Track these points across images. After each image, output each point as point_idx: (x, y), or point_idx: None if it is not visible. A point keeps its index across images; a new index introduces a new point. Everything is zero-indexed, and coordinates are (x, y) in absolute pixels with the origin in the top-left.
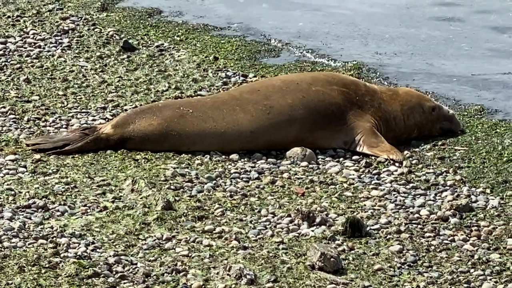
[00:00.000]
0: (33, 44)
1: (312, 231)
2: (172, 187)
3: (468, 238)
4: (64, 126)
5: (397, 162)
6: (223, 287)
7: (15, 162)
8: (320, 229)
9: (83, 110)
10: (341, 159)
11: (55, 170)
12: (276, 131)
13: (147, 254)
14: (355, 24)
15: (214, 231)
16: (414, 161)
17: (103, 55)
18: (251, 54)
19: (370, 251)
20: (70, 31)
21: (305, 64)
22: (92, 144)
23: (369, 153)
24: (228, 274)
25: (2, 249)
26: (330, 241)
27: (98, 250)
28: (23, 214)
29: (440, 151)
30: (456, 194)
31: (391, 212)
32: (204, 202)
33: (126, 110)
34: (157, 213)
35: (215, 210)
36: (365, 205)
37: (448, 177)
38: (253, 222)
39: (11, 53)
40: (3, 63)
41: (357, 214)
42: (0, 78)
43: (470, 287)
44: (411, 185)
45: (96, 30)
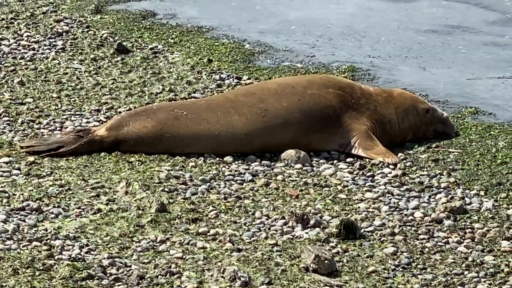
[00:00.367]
0: (27, 46)
1: (306, 233)
2: (166, 189)
3: (462, 240)
4: (58, 128)
5: (392, 165)
6: None
7: (9, 164)
8: (314, 231)
9: (77, 113)
10: (335, 161)
11: (49, 172)
12: (271, 134)
13: (141, 257)
14: (351, 27)
15: (208, 233)
16: (408, 163)
17: (97, 58)
18: (245, 57)
19: (364, 253)
20: (64, 34)
21: (298, 66)
22: (86, 146)
23: (364, 155)
24: (222, 276)
25: None
26: (324, 243)
27: (92, 252)
28: (17, 217)
29: (434, 153)
30: (450, 196)
31: (385, 214)
32: (198, 204)
33: (120, 112)
34: (151, 215)
35: (209, 212)
36: (359, 207)
37: (442, 179)
38: (247, 224)
39: (5, 56)
40: None
41: (351, 216)
42: None
43: None
44: (405, 187)
45: (90, 32)
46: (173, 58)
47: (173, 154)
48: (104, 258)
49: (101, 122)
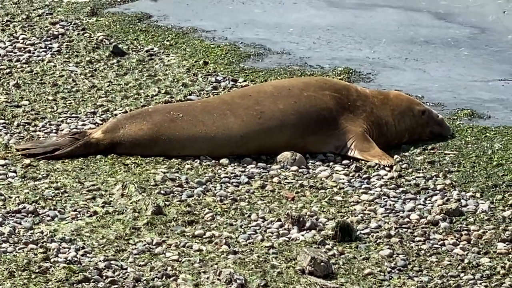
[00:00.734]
0: (22, 49)
1: (302, 235)
2: (162, 191)
3: (458, 242)
4: (54, 131)
5: (388, 167)
6: None
7: (5, 167)
8: (310, 233)
9: (73, 115)
10: (331, 163)
11: (45, 175)
12: (267, 136)
13: (137, 259)
14: (351, 28)
15: (204, 236)
16: (404, 165)
17: (93, 60)
18: (241, 59)
19: (360, 256)
20: (60, 36)
21: (295, 68)
22: (82, 149)
23: (360, 157)
24: (218, 279)
25: None
26: (320, 246)
27: (88, 255)
28: (13, 219)
29: (430, 155)
30: (446, 198)
31: (381, 216)
32: (194, 207)
33: (116, 114)
34: (147, 217)
35: (205, 214)
36: (355, 209)
37: (438, 181)
38: (243, 227)
39: (0, 58)
40: None
41: (347, 218)
42: None
43: None
44: (401, 189)
45: (86, 35)
46: (169, 61)
47: (169, 156)
48: (100, 261)
49: (97, 124)
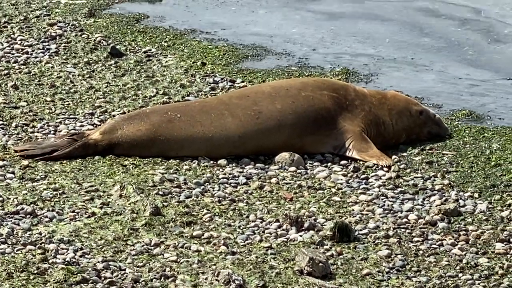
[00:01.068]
0: (20, 50)
1: (301, 236)
2: (160, 192)
3: (456, 243)
4: (52, 132)
5: (386, 167)
6: None
7: (3, 168)
8: (309, 234)
9: (71, 116)
10: (329, 164)
11: (43, 176)
12: (265, 136)
13: (135, 260)
14: (355, 29)
15: (202, 237)
16: (402, 166)
17: (91, 61)
18: (238, 60)
19: (359, 256)
20: (57, 37)
21: (293, 69)
22: (80, 150)
23: (359, 158)
24: (216, 280)
25: None
26: (318, 246)
27: (86, 256)
28: (11, 220)
29: (428, 155)
30: (444, 198)
31: (379, 216)
32: (192, 208)
33: (114, 116)
34: (145, 218)
35: (203, 215)
36: (353, 210)
37: (436, 181)
38: (241, 227)
39: None
40: None
41: (345, 219)
42: None
43: None
44: (399, 189)
45: (83, 36)
46: (166, 61)
47: (167, 157)
48: (98, 262)
49: (95, 125)
